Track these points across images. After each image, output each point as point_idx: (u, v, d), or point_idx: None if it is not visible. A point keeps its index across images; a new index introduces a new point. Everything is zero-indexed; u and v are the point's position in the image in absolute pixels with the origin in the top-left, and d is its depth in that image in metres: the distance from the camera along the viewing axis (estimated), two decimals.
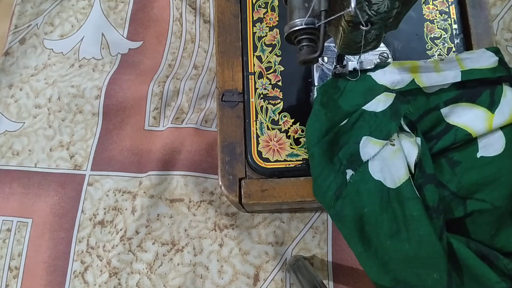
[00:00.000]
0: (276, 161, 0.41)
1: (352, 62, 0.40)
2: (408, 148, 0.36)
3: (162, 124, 0.60)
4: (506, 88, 0.38)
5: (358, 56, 0.39)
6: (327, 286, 0.51)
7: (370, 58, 0.41)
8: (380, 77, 0.39)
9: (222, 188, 0.42)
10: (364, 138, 0.37)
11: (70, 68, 0.64)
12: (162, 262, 0.54)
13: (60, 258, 0.56)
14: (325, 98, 0.39)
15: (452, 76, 0.38)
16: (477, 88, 0.38)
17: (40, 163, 0.60)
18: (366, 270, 0.36)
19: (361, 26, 0.27)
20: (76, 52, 0.65)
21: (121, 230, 0.55)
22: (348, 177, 0.36)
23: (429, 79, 0.38)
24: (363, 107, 0.38)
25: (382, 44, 0.39)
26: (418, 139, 0.36)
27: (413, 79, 0.38)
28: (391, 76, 0.39)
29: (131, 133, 0.60)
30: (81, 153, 0.60)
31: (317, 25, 0.27)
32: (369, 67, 0.40)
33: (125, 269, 0.54)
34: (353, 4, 0.25)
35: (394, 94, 0.38)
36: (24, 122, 0.62)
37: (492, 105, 0.37)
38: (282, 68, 0.44)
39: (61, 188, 0.58)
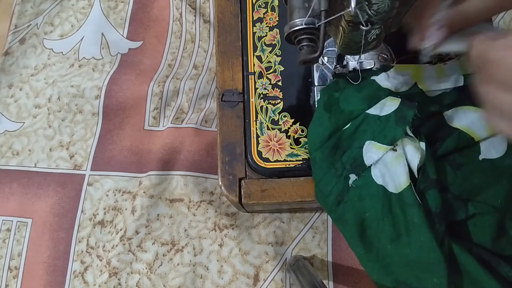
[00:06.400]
0: (276, 161, 0.41)
1: (352, 62, 0.40)
2: (411, 153, 0.36)
3: (162, 124, 0.60)
4: None
5: (358, 56, 0.39)
6: (327, 286, 0.51)
7: (370, 58, 0.40)
8: (384, 80, 0.39)
9: (222, 188, 0.42)
10: (367, 142, 0.37)
11: (70, 68, 0.64)
12: (162, 262, 0.54)
13: (60, 258, 0.56)
14: (328, 102, 0.39)
15: (455, 80, 0.38)
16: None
17: (40, 163, 0.60)
18: (368, 271, 0.36)
19: (361, 26, 0.27)
20: (76, 52, 0.65)
21: (121, 230, 0.55)
22: (351, 181, 0.36)
23: (431, 83, 0.38)
24: (366, 111, 0.38)
25: (382, 44, 0.39)
26: (422, 144, 0.36)
27: (416, 82, 0.39)
28: (394, 80, 0.39)
29: (131, 133, 0.60)
30: (81, 153, 0.60)
31: (317, 25, 0.27)
32: (369, 67, 0.40)
33: (125, 269, 0.54)
34: (353, 4, 0.25)
35: (399, 99, 0.37)
36: (24, 122, 0.62)
37: None
38: (282, 68, 0.44)
39: (61, 188, 0.58)
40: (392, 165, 0.36)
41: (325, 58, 0.43)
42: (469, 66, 0.33)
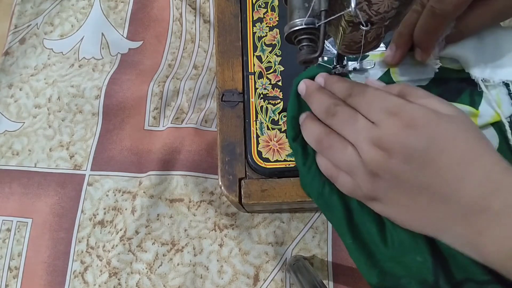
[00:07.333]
0: (276, 161, 0.41)
1: (352, 62, 0.40)
2: None
3: (162, 124, 0.60)
4: (483, 88, 0.37)
5: (358, 56, 0.39)
6: (327, 286, 0.51)
7: (370, 58, 0.40)
8: (360, 75, 0.39)
9: (222, 188, 0.42)
10: None
11: (70, 68, 0.64)
12: (162, 262, 0.54)
13: (60, 258, 0.56)
14: (299, 105, 0.39)
15: (425, 71, 0.38)
16: (457, 87, 0.38)
17: (40, 163, 0.60)
18: (356, 262, 0.36)
19: (361, 26, 0.27)
20: (76, 52, 0.65)
21: (121, 230, 0.55)
22: None
23: (402, 73, 0.39)
24: None
25: (382, 44, 0.39)
26: None
27: (388, 69, 0.39)
28: (366, 64, 0.39)
29: (131, 133, 0.60)
30: (81, 153, 0.60)
31: (317, 25, 0.27)
32: (369, 67, 0.40)
33: (125, 269, 0.54)
34: (353, 4, 0.25)
35: None
36: (24, 122, 0.62)
37: (473, 104, 0.37)
38: (282, 68, 0.44)
39: (61, 188, 0.58)
40: None
41: (325, 58, 0.42)
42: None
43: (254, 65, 0.44)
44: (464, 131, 0.29)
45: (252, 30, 0.45)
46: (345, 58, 0.39)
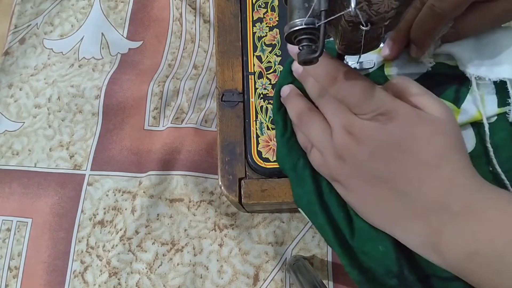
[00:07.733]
0: (276, 161, 0.41)
1: (352, 62, 0.40)
2: None
3: (162, 124, 0.60)
4: (474, 86, 0.37)
5: (358, 56, 0.39)
6: (327, 286, 0.51)
7: (370, 58, 0.40)
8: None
9: (222, 188, 0.42)
10: None
11: (70, 68, 0.64)
12: (162, 262, 0.54)
13: (60, 258, 0.56)
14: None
15: (418, 67, 0.39)
16: (445, 83, 0.38)
17: (39, 163, 0.60)
18: (330, 244, 0.36)
19: (361, 26, 0.27)
20: (76, 52, 0.65)
21: (121, 230, 0.55)
22: None
23: (396, 68, 0.39)
24: None
25: (382, 44, 0.39)
26: None
27: (384, 64, 0.39)
28: (366, 64, 0.39)
29: (131, 133, 0.60)
30: (81, 153, 0.60)
31: (317, 25, 0.27)
32: (369, 67, 0.40)
33: (125, 269, 0.54)
34: (353, 4, 0.25)
35: None
36: (24, 122, 0.62)
37: (457, 101, 0.37)
38: (282, 68, 0.44)
39: (61, 188, 0.58)
40: None
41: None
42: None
43: (254, 65, 0.44)
44: (441, 135, 0.29)
45: (252, 30, 0.45)
46: (345, 58, 0.39)
